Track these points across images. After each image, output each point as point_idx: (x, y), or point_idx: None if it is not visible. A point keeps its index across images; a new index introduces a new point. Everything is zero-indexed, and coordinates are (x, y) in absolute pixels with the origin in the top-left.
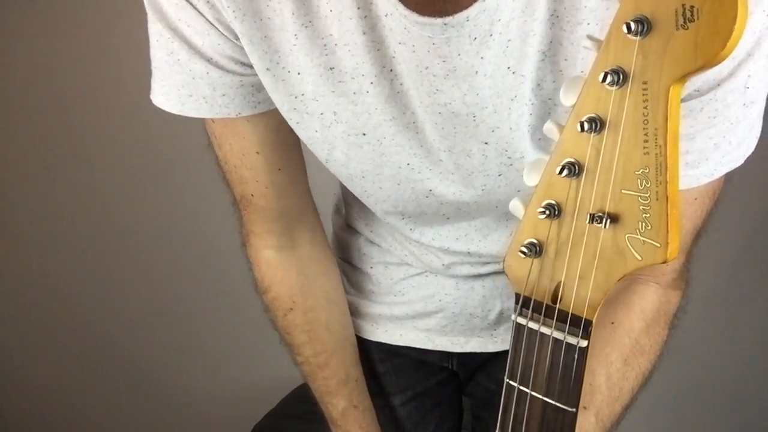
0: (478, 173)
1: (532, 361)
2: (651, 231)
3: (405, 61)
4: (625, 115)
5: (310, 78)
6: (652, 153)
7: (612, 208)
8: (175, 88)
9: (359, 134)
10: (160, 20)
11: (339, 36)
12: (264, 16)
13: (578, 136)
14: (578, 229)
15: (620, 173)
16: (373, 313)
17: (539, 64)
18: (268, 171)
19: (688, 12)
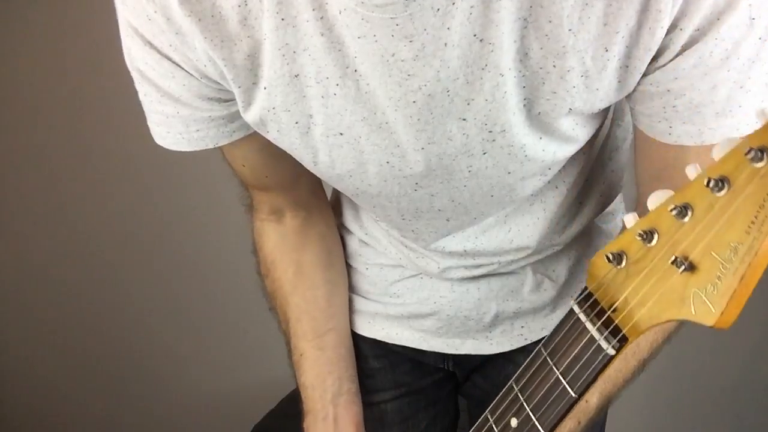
0: (462, 156)
1: (566, 343)
2: (715, 296)
3: (369, 58)
4: (748, 191)
5: (278, 89)
6: (752, 234)
7: (695, 260)
8: (155, 124)
9: (337, 134)
10: (130, 64)
11: (296, 42)
12: (243, 36)
13: (702, 187)
14: (659, 263)
15: (718, 237)
16: (369, 310)
17: (522, 32)
18: (256, 178)
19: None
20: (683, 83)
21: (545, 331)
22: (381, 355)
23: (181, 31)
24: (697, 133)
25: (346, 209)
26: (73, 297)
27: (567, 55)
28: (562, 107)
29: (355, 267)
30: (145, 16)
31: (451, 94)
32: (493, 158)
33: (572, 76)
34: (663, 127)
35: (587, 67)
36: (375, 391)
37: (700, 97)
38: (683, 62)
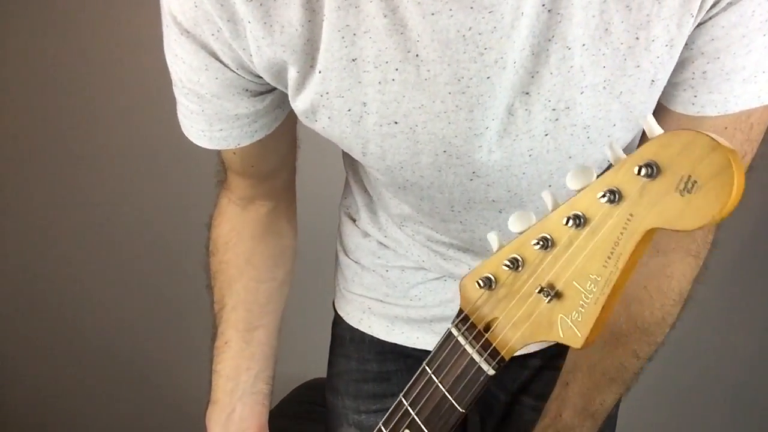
0: (523, 135)
1: (449, 363)
2: (580, 322)
3: (437, 37)
4: (605, 230)
5: (333, 74)
6: (609, 269)
7: (560, 289)
8: (182, 116)
9: (391, 123)
10: (167, 51)
11: (358, 24)
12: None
13: (560, 223)
14: (527, 290)
15: (578, 269)
16: (388, 314)
17: (602, 6)
18: (242, 166)
19: (690, 183)
20: (719, 45)
21: None
22: (398, 359)
23: (234, 18)
24: (722, 101)
25: (363, 210)
26: (72, 297)
27: (651, 24)
28: (645, 80)
29: (373, 270)
30: (193, 2)
31: (517, 66)
32: (554, 140)
33: (656, 46)
34: (687, 96)
35: (672, 36)
36: (390, 396)
37: (733, 62)
38: (724, 19)
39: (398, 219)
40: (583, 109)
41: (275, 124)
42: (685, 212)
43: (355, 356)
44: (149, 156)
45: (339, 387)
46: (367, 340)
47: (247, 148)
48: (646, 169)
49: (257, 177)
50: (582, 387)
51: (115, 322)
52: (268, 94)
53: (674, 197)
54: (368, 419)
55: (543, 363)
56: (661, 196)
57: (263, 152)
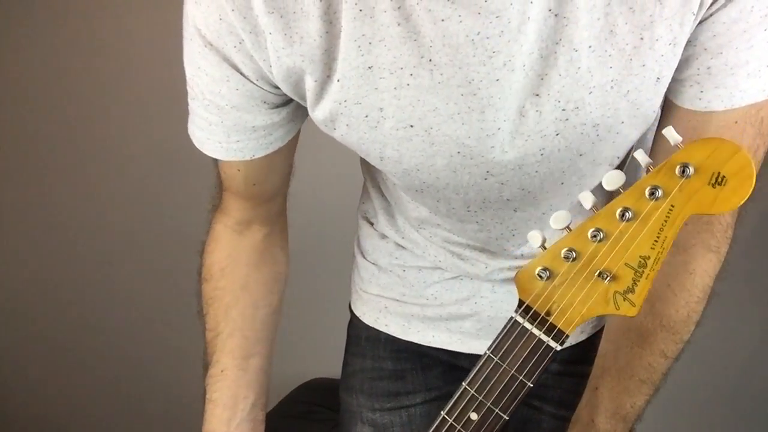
0: (535, 135)
1: (515, 347)
2: (633, 296)
3: (449, 41)
4: (653, 220)
5: (351, 82)
6: (656, 250)
7: (615, 271)
8: (198, 129)
9: (407, 126)
10: (188, 63)
11: (373, 33)
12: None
13: (612, 217)
14: (587, 276)
15: (631, 253)
16: (404, 313)
17: (606, 9)
18: (244, 184)
19: (720, 178)
20: (721, 40)
21: (583, 334)
22: (412, 357)
23: (256, 30)
24: (728, 96)
25: (380, 214)
26: (72, 297)
27: (654, 24)
28: (651, 78)
29: (390, 270)
30: (217, 15)
31: (527, 69)
32: (565, 139)
33: (660, 45)
34: (694, 92)
35: (675, 35)
36: (405, 394)
37: (736, 57)
38: (724, 15)
39: (416, 222)
40: (592, 108)
41: (288, 137)
42: (717, 200)
43: (370, 354)
44: (149, 156)
45: (354, 385)
46: (383, 338)
47: (254, 164)
48: (683, 169)
49: (257, 198)
50: (612, 391)
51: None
52: (284, 106)
53: (707, 189)
54: (382, 417)
55: (561, 368)
56: (697, 189)
57: (268, 169)
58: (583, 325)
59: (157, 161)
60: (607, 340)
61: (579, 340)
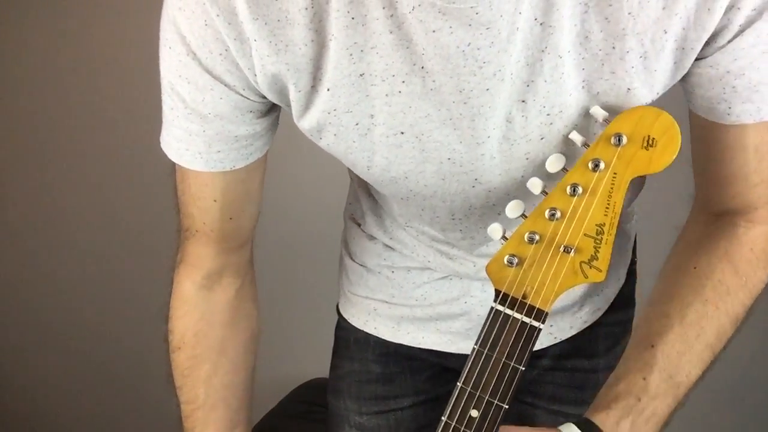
0: (521, 140)
1: (501, 336)
2: (597, 262)
3: (440, 51)
4: (600, 190)
5: (342, 90)
6: (609, 216)
7: (574, 244)
8: (175, 140)
9: (397, 133)
10: (164, 76)
11: (365, 41)
12: (308, 40)
13: (564, 194)
14: (552, 254)
15: (587, 223)
16: (394, 314)
17: (583, 16)
18: (220, 219)
19: (650, 141)
20: (742, 62)
21: (573, 329)
22: (401, 361)
23: (241, 37)
24: (756, 110)
25: (368, 215)
26: (72, 296)
27: (626, 37)
28: (621, 87)
29: (379, 272)
30: (203, 21)
31: (514, 77)
32: (550, 143)
33: (631, 57)
34: (723, 108)
35: (646, 49)
36: (393, 397)
37: (759, 75)
38: (742, 42)
39: (403, 220)
40: (572, 110)
41: (265, 148)
42: (652, 161)
43: (359, 357)
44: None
45: (341, 388)
46: (372, 341)
47: (231, 186)
48: (616, 139)
49: (230, 240)
50: (673, 349)
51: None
52: (267, 115)
53: (642, 153)
54: (370, 421)
55: (552, 364)
56: (633, 154)
57: (244, 194)
58: (572, 321)
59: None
60: (673, 297)
61: (569, 335)
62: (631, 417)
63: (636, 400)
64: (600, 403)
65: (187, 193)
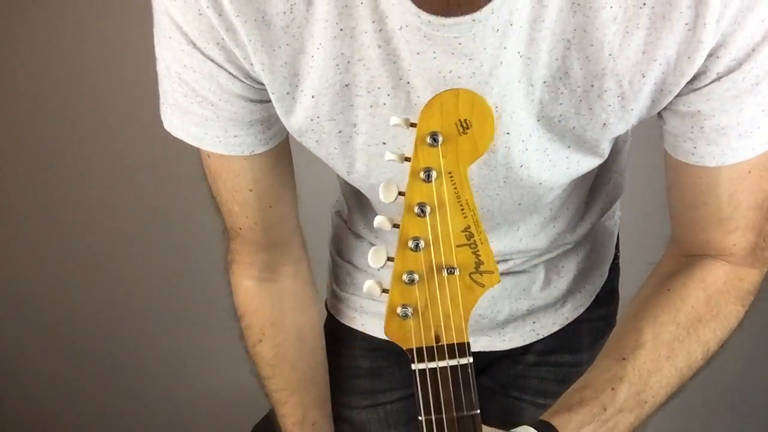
0: (501, 167)
1: (438, 392)
2: (484, 266)
3: (424, 73)
4: (447, 196)
5: (326, 98)
6: (468, 215)
7: (453, 261)
8: (193, 125)
9: (379, 143)
10: (169, 66)
11: (352, 53)
12: (282, 43)
13: (415, 219)
14: (435, 284)
15: (454, 235)
16: (380, 311)
17: (565, 52)
18: (259, 208)
19: (464, 124)
20: (714, 104)
21: (556, 326)
22: (389, 356)
23: (232, 28)
24: (720, 153)
25: (355, 214)
26: (72, 296)
27: (606, 77)
28: (597, 122)
29: (365, 270)
30: (197, 10)
31: (499, 110)
32: (528, 169)
33: (609, 96)
34: (687, 147)
35: (624, 90)
36: (381, 391)
37: (728, 119)
38: (717, 87)
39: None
40: (540, 134)
41: (286, 132)
42: (476, 142)
43: (347, 354)
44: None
45: (330, 384)
46: (359, 337)
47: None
48: (432, 140)
49: (276, 228)
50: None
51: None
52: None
53: (463, 139)
54: (359, 414)
55: (537, 359)
56: (456, 145)
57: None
58: (554, 317)
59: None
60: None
61: (552, 331)
62: (593, 425)
63: (602, 409)
64: (562, 405)
65: (223, 190)
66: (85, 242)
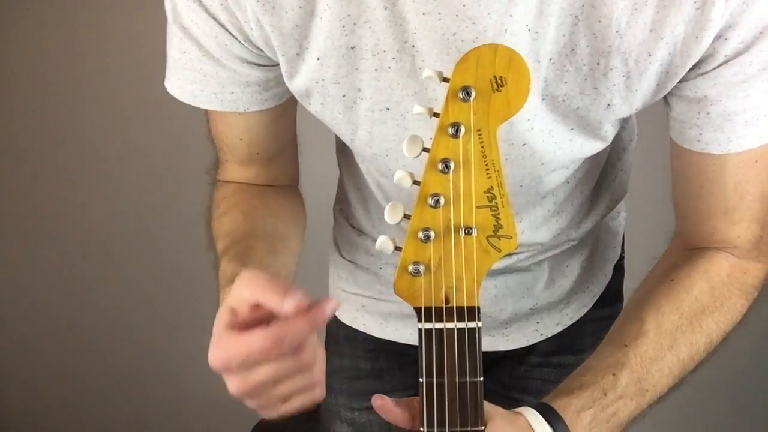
0: (503, 143)
1: (443, 355)
2: (503, 230)
3: (429, 35)
4: (473, 154)
5: (332, 60)
6: (493, 176)
7: (472, 222)
8: (188, 82)
9: (383, 109)
10: (174, 21)
11: (359, 14)
12: (295, 6)
13: (438, 175)
14: (451, 243)
15: (476, 195)
16: (382, 311)
17: (572, 28)
18: (248, 154)
19: (499, 81)
20: (721, 89)
21: (560, 326)
22: (390, 356)
23: None
24: (725, 140)
25: (357, 211)
26: (73, 297)
27: (612, 54)
28: (601, 102)
29: (367, 268)
30: None
31: None
32: (530, 148)
33: (614, 75)
34: (693, 134)
35: (629, 69)
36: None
37: (734, 105)
38: (725, 71)
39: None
40: (546, 116)
41: (285, 96)
42: (510, 101)
43: (348, 354)
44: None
45: (332, 384)
46: (360, 338)
47: (256, 132)
48: (464, 94)
49: (262, 163)
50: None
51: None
52: (276, 66)
53: (496, 96)
54: (361, 416)
55: (540, 360)
56: (488, 102)
57: (270, 135)
58: (558, 317)
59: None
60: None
61: (556, 332)
62: (594, 409)
63: (602, 394)
64: (563, 389)
65: (214, 131)
66: (85, 242)
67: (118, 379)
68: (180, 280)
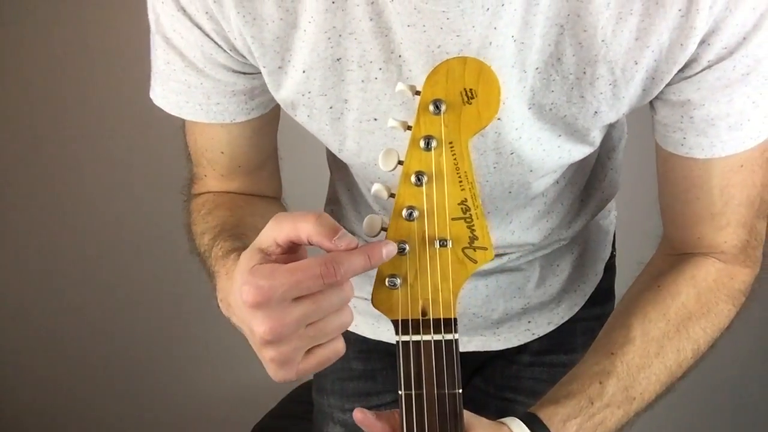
0: (491, 152)
1: (420, 367)
2: (479, 241)
3: (414, 45)
4: (445, 166)
5: (317, 73)
6: (467, 188)
7: (447, 234)
8: (173, 93)
9: (371, 120)
10: (157, 31)
11: (344, 26)
12: (276, 18)
13: (411, 188)
14: (427, 256)
15: (449, 207)
16: (373, 312)
17: (558, 38)
18: (229, 166)
19: (469, 93)
20: (704, 93)
21: (551, 325)
22: (382, 357)
23: (220, 0)
24: (709, 145)
25: (348, 211)
26: (73, 297)
27: (598, 63)
28: (588, 110)
29: None
30: None
31: None
32: (518, 156)
33: (601, 83)
34: (677, 138)
35: (616, 77)
36: (375, 393)
37: (717, 109)
38: (708, 75)
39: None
40: (534, 124)
41: (270, 105)
42: (480, 113)
43: None
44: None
45: (324, 386)
46: (352, 339)
47: (238, 144)
48: (435, 107)
49: (244, 176)
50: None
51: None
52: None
53: (466, 109)
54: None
55: (532, 359)
56: (459, 114)
57: (252, 147)
58: (550, 317)
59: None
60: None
61: (547, 331)
62: (580, 419)
63: (588, 403)
64: (549, 398)
65: (193, 145)
66: (84, 242)
67: (118, 380)
68: (180, 281)
